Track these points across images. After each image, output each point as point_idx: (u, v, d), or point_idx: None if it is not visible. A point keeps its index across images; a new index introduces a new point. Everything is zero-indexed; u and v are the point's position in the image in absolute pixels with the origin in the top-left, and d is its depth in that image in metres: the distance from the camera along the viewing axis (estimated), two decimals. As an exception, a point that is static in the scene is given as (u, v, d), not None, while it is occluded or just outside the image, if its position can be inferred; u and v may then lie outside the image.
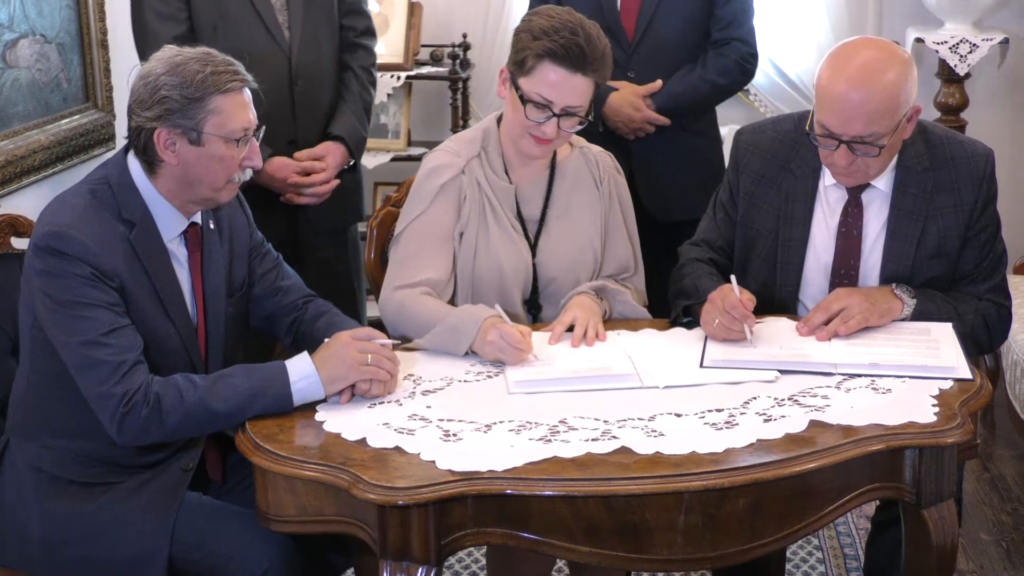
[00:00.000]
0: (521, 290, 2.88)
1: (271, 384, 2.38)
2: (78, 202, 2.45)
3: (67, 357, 2.38)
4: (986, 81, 4.94)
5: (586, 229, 2.93)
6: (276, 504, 2.27)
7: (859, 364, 2.53)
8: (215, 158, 2.46)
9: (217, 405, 2.36)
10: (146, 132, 2.44)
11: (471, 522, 2.16)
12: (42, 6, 3.56)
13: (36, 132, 3.54)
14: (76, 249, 2.37)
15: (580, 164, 2.96)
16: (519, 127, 2.80)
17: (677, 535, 2.16)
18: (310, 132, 3.52)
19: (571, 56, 2.71)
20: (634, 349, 2.65)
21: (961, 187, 2.76)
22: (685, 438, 2.25)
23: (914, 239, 2.75)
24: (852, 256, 2.80)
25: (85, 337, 2.36)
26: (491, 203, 2.87)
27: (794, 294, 2.86)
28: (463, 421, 2.34)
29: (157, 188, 2.49)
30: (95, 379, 2.36)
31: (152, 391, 2.35)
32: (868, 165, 2.67)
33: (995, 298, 2.81)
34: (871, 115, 2.59)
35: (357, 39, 3.61)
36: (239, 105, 2.47)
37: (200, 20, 3.39)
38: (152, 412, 2.34)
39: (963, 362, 2.53)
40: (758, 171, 2.87)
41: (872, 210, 2.79)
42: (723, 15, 3.69)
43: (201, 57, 2.46)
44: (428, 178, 2.88)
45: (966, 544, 3.60)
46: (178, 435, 2.44)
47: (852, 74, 2.60)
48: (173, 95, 2.41)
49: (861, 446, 2.24)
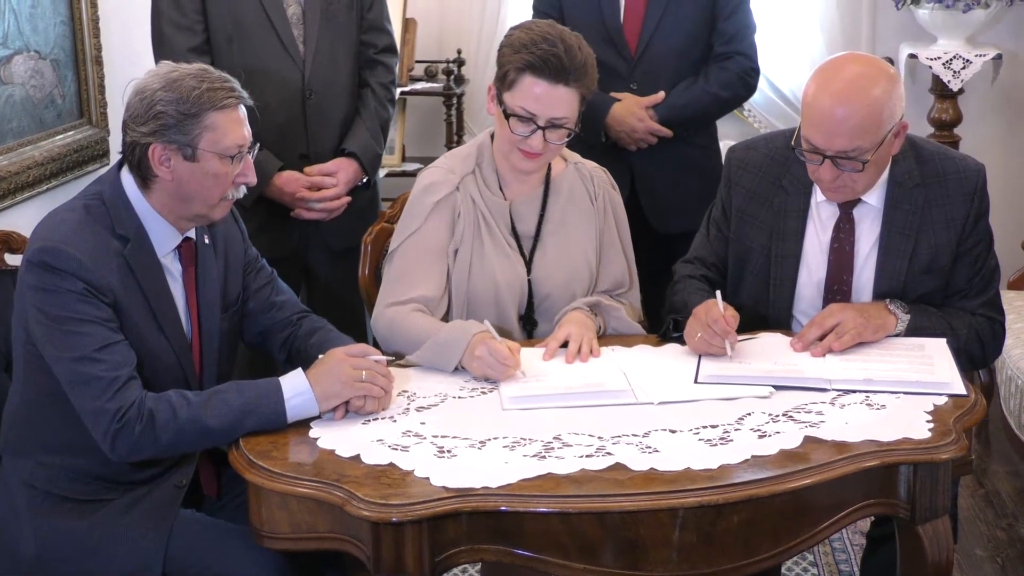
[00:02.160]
0: (516, 306, 2.88)
1: (264, 400, 2.38)
2: (72, 217, 2.45)
3: (60, 373, 2.38)
4: (979, 97, 4.96)
5: (581, 245, 2.93)
6: (270, 521, 2.26)
7: (854, 380, 2.53)
8: (209, 174, 2.46)
9: (211, 422, 2.35)
10: (141, 147, 2.44)
11: (465, 539, 2.16)
12: (36, 22, 3.56)
13: (30, 148, 3.54)
14: (69, 264, 2.36)
15: (575, 180, 2.97)
16: (507, 142, 2.81)
17: (672, 552, 2.15)
18: (323, 146, 3.51)
19: (550, 67, 2.71)
20: (628, 365, 2.65)
21: (952, 202, 2.76)
22: (679, 454, 2.24)
23: (906, 255, 2.76)
24: (845, 272, 2.80)
25: (78, 353, 2.35)
26: (485, 219, 2.87)
27: (787, 310, 2.87)
28: (457, 438, 2.33)
29: (151, 203, 2.49)
30: (88, 395, 2.35)
31: (146, 407, 2.34)
32: (854, 180, 2.68)
33: (988, 313, 2.81)
34: (854, 130, 2.60)
35: (377, 56, 3.61)
36: (234, 121, 2.47)
37: (216, 32, 3.40)
38: (146, 428, 2.33)
39: (957, 378, 2.53)
40: (750, 188, 2.88)
41: (864, 226, 2.80)
42: (726, 29, 3.72)
43: (197, 73, 2.46)
44: (422, 195, 2.89)
45: (961, 560, 3.59)
46: (172, 451, 2.43)
47: (837, 89, 2.61)
48: (169, 111, 2.41)
49: (856, 462, 2.24)
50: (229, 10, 3.40)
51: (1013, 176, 5.11)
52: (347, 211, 3.52)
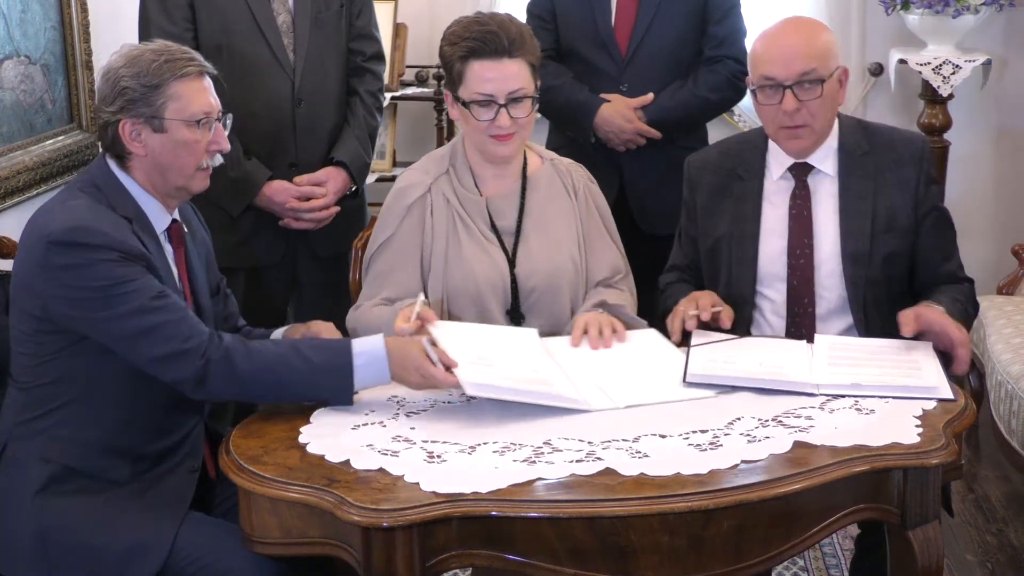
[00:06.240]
0: (500, 301, 2.90)
1: (336, 358, 2.46)
2: (79, 203, 2.49)
3: (115, 336, 2.41)
4: (969, 102, 4.96)
5: (564, 238, 2.95)
6: (260, 526, 2.26)
7: (841, 385, 2.53)
8: (180, 143, 2.51)
9: (290, 364, 2.44)
10: (112, 126, 2.51)
11: (456, 544, 2.15)
12: (27, 27, 3.56)
13: (20, 153, 3.53)
14: (99, 238, 2.40)
15: (551, 175, 2.99)
16: (478, 133, 2.85)
17: (662, 557, 2.15)
18: (312, 155, 3.51)
19: (490, 46, 2.79)
20: (606, 363, 2.66)
21: (902, 166, 2.92)
22: (669, 459, 2.24)
23: (868, 215, 2.88)
24: (805, 235, 2.90)
25: (135, 305, 2.39)
26: (461, 217, 2.90)
27: (751, 286, 2.94)
28: (447, 443, 2.33)
29: (138, 182, 2.54)
30: (158, 342, 2.39)
31: (223, 343, 2.42)
32: (812, 115, 2.84)
33: (964, 275, 2.97)
34: (810, 51, 2.82)
35: (365, 63, 3.61)
36: (197, 90, 2.53)
37: (205, 39, 3.40)
38: (225, 365, 2.40)
39: (944, 382, 2.54)
40: (711, 184, 3.01)
41: (820, 194, 2.92)
42: (716, 33, 3.74)
43: (157, 48, 2.54)
44: (396, 199, 2.94)
45: (951, 565, 3.60)
46: (246, 394, 2.51)
47: (784, 25, 2.91)
48: (132, 85, 2.49)
49: (846, 467, 2.25)
50: (219, 18, 3.39)
51: (1002, 181, 5.12)
52: (334, 217, 3.52)
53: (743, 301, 2.92)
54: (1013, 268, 4.51)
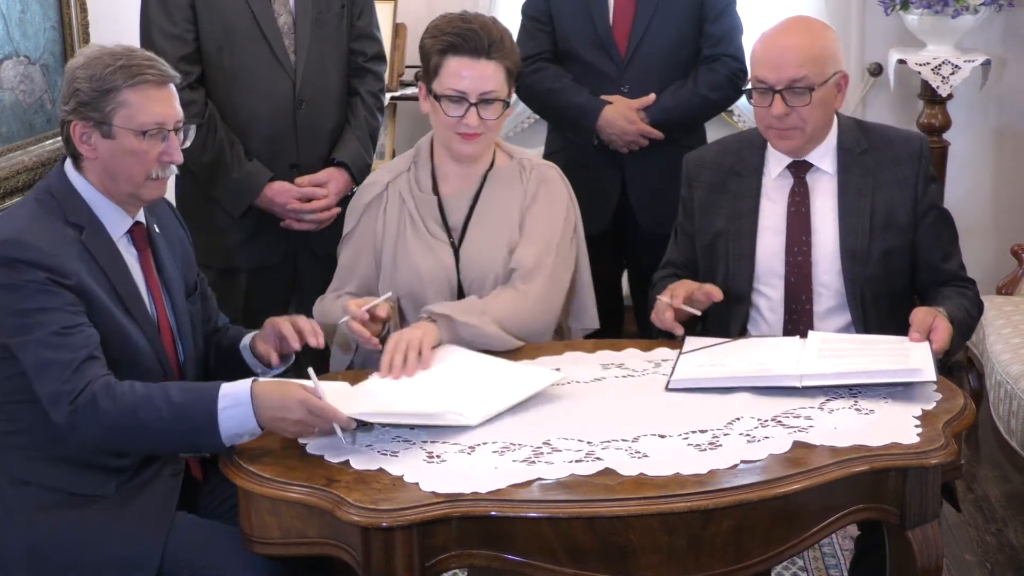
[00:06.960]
0: (444, 296, 2.91)
1: (199, 402, 2.33)
2: (23, 212, 2.48)
3: (25, 361, 2.36)
4: (968, 102, 4.96)
5: (503, 232, 2.94)
6: (260, 526, 2.26)
7: (825, 374, 2.52)
8: (127, 152, 2.47)
9: (144, 414, 2.32)
10: (65, 125, 2.49)
11: (455, 544, 2.15)
12: (26, 27, 3.56)
13: (20, 153, 3.53)
14: (30, 254, 2.36)
15: (512, 173, 3.00)
16: (445, 128, 2.88)
17: (662, 557, 2.15)
18: (313, 156, 3.50)
19: (470, 44, 2.82)
20: (472, 373, 2.63)
21: (901, 163, 2.92)
22: (669, 459, 2.25)
23: (866, 212, 2.88)
24: (803, 232, 2.90)
25: (36, 336, 2.34)
26: (411, 215, 2.96)
27: (748, 282, 2.94)
28: (446, 443, 2.33)
29: (93, 185, 2.51)
30: (48, 380, 2.34)
31: (95, 388, 2.32)
32: (803, 119, 2.83)
33: (967, 276, 2.95)
34: (802, 58, 2.81)
35: (366, 64, 3.60)
36: (152, 99, 2.47)
37: (206, 41, 3.39)
38: (89, 410, 2.31)
39: (930, 366, 2.50)
40: (709, 181, 3.02)
41: (819, 191, 2.92)
42: (713, 31, 3.74)
43: (118, 52, 2.49)
44: (358, 196, 3.08)
45: (951, 565, 3.60)
46: (113, 443, 2.39)
47: (784, 26, 2.90)
48: (84, 87, 2.46)
49: (845, 467, 2.25)
50: (220, 19, 3.39)
51: (1001, 181, 5.12)
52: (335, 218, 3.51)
53: (741, 298, 2.92)
54: (1012, 268, 4.51)
